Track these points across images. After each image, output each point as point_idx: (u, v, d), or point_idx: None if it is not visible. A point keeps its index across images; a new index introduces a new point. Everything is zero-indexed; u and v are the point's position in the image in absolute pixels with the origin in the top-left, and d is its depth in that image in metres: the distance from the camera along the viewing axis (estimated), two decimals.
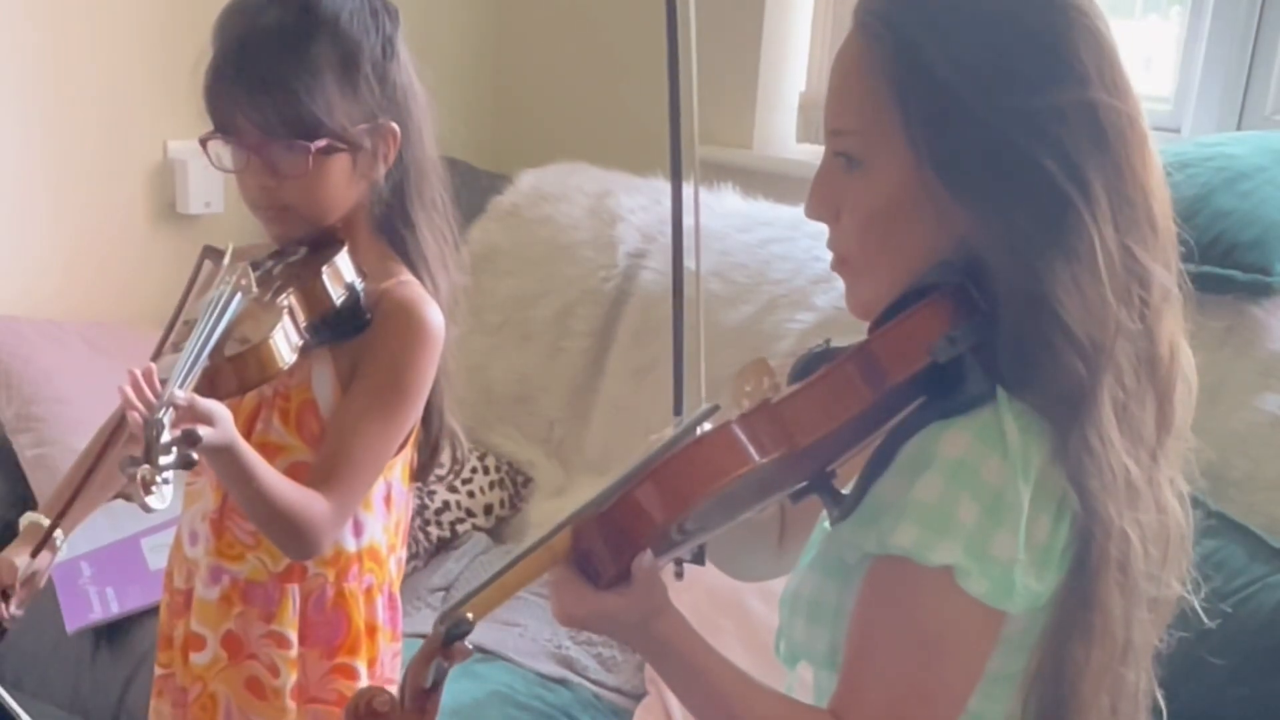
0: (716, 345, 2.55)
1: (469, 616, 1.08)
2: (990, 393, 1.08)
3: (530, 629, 2.28)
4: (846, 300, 1.20)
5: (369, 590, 1.63)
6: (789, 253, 2.56)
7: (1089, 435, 1.07)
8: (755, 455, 1.06)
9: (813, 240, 2.50)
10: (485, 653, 2.19)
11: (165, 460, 1.23)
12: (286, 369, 1.44)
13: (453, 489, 2.62)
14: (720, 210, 2.73)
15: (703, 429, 1.09)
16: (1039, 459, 1.07)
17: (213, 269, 1.55)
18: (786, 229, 2.60)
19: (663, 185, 2.82)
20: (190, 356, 1.34)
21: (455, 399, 1.66)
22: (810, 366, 1.15)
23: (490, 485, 2.70)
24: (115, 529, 2.35)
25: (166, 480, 1.23)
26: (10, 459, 2.57)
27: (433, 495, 2.59)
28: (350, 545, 1.60)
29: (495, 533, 2.68)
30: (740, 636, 2.08)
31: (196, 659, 1.62)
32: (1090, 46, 1.09)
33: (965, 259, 1.10)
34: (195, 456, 1.26)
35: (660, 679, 1.15)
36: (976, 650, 1.10)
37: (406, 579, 1.75)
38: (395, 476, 1.62)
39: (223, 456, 1.37)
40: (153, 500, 1.21)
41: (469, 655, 1.10)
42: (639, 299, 2.70)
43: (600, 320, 2.74)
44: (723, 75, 2.97)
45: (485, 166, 2.96)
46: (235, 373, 1.39)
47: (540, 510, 2.68)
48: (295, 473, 1.50)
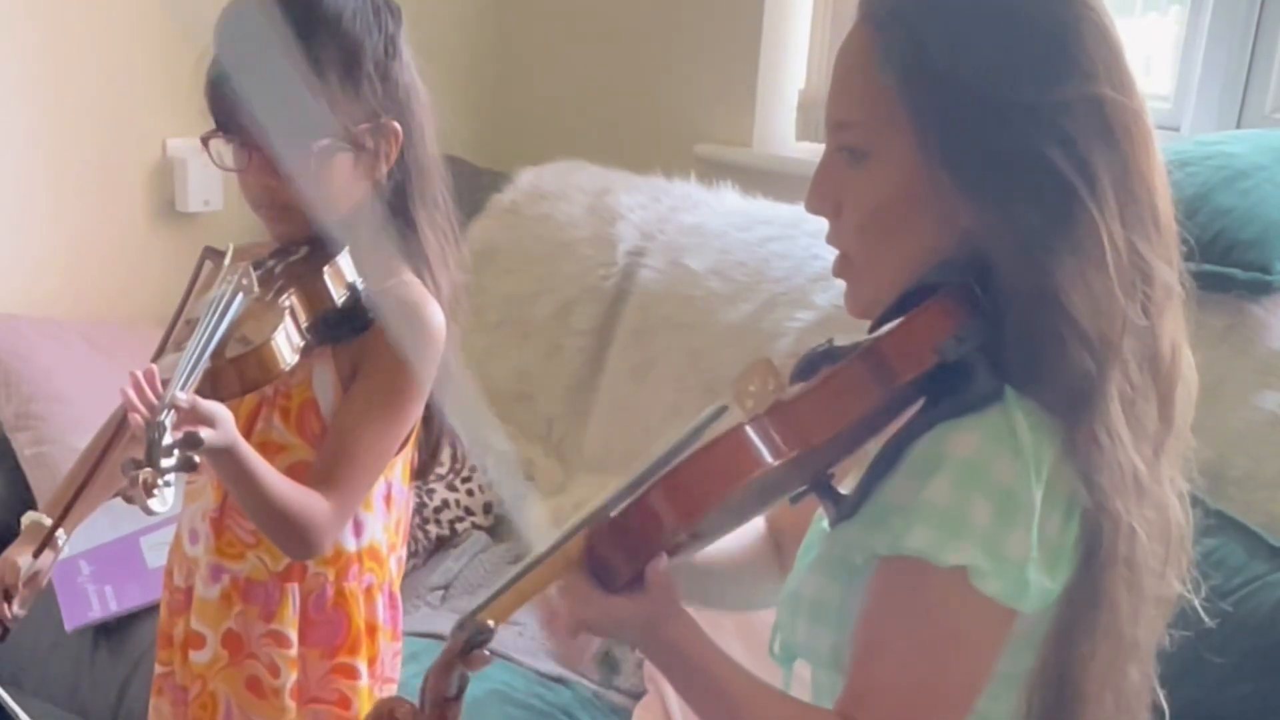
0: (716, 344, 2.57)
1: (490, 624, 1.07)
2: (998, 391, 1.07)
3: (529, 628, 2.27)
4: (846, 301, 1.19)
5: (369, 589, 1.63)
6: (788, 251, 2.56)
7: (1098, 431, 1.07)
8: (769, 457, 1.05)
9: (812, 238, 2.50)
10: None
11: (167, 463, 1.23)
12: (288, 370, 1.44)
13: (452, 487, 2.62)
14: (720, 208, 2.73)
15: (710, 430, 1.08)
16: (1050, 456, 1.07)
17: (213, 269, 1.55)
18: (786, 227, 2.59)
19: (662, 183, 2.84)
20: (192, 357, 1.34)
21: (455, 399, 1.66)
22: (813, 366, 1.14)
23: (490, 483, 2.69)
24: (114, 527, 2.35)
25: (168, 483, 1.23)
26: (9, 457, 2.56)
27: (432, 493, 2.58)
28: (350, 545, 1.60)
29: (494, 531, 2.68)
30: (739, 634, 2.08)
31: (196, 658, 1.62)
32: (1097, 42, 1.09)
33: (968, 257, 1.10)
34: (197, 459, 1.26)
35: (667, 682, 1.14)
36: (988, 650, 1.10)
37: (406, 577, 1.74)
38: (396, 476, 1.62)
39: (224, 458, 1.37)
40: (154, 503, 1.21)
41: (489, 662, 1.10)
42: (638, 297, 2.69)
43: (599, 318, 2.74)
44: (722, 73, 2.97)
45: (484, 164, 2.96)
46: (237, 374, 1.39)
47: (539, 509, 2.68)
48: (296, 472, 1.50)
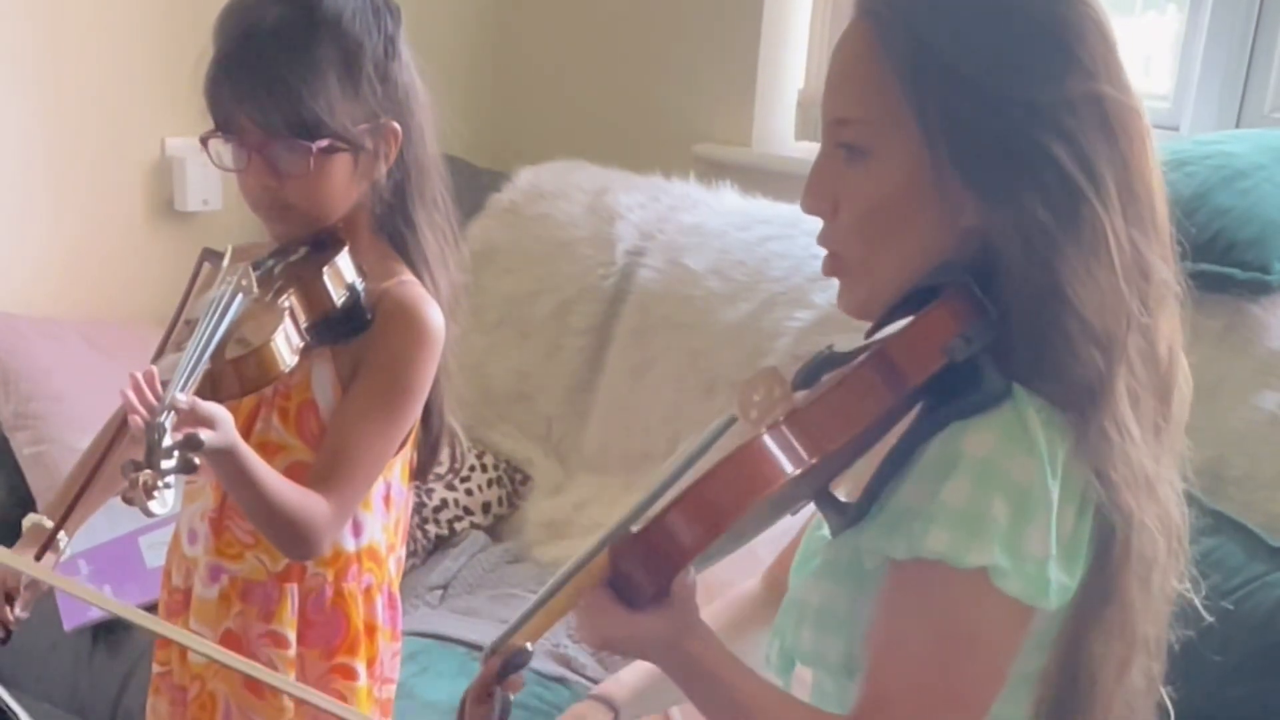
0: (716, 343, 2.56)
1: (528, 646, 1.07)
2: (1007, 390, 1.07)
3: None
4: (840, 300, 1.19)
5: (368, 590, 1.63)
6: (787, 250, 2.56)
7: (1107, 426, 1.07)
8: (789, 466, 1.04)
9: (811, 238, 2.45)
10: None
11: (167, 464, 1.23)
12: (288, 371, 1.43)
13: (451, 487, 2.62)
14: (719, 208, 2.73)
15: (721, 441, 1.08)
16: (1063, 452, 1.07)
17: (211, 270, 1.55)
18: (785, 226, 2.59)
19: (661, 183, 2.84)
20: (191, 359, 1.34)
21: (455, 399, 1.66)
22: (817, 372, 1.13)
23: (488, 483, 2.69)
24: (113, 527, 2.34)
25: (168, 484, 1.22)
26: (8, 457, 2.56)
27: (431, 493, 2.58)
28: (349, 545, 1.60)
29: (493, 531, 2.68)
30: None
31: (195, 658, 1.62)
32: (1096, 39, 1.09)
33: (969, 256, 1.10)
34: (197, 461, 1.26)
35: (688, 696, 1.13)
36: (1008, 650, 1.09)
37: (404, 577, 1.74)
38: (395, 476, 1.62)
39: (224, 459, 1.37)
40: (154, 505, 1.21)
41: (523, 686, 1.09)
42: (637, 297, 2.69)
43: (598, 318, 2.74)
44: (721, 73, 2.97)
45: (483, 164, 2.95)
46: (236, 375, 1.39)
47: (538, 508, 2.68)
48: (294, 472, 1.49)
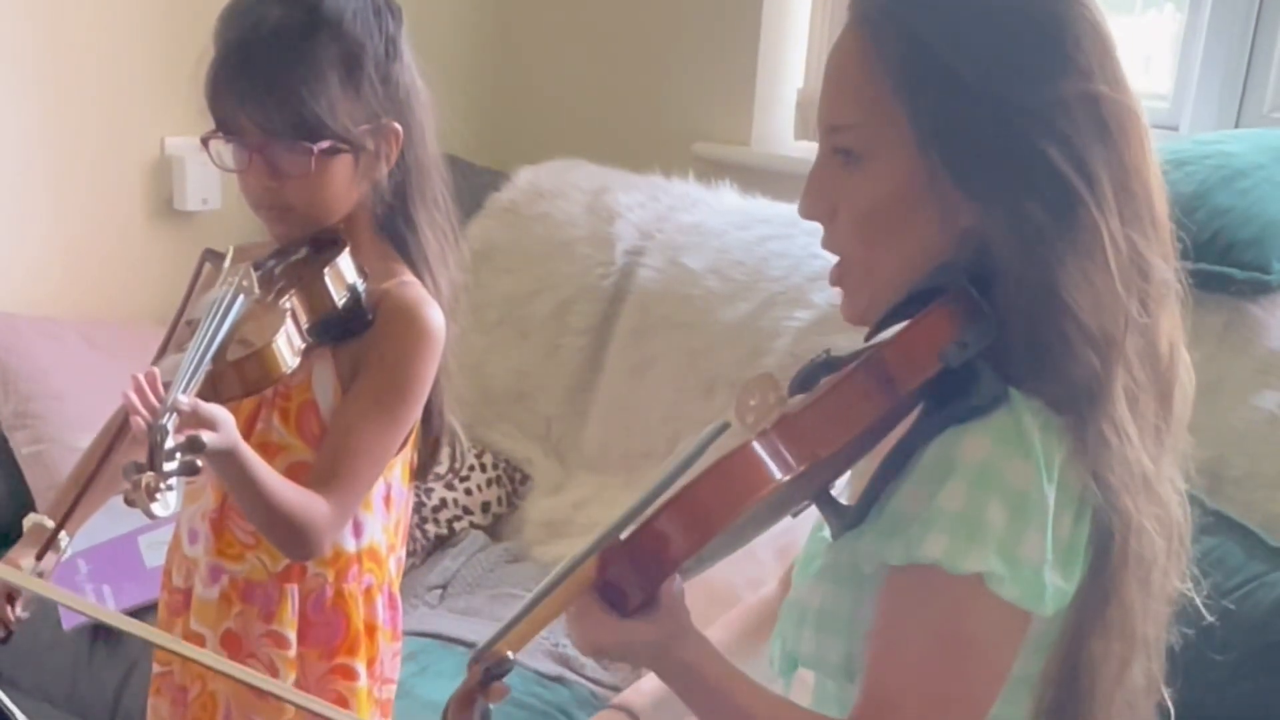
0: (715, 343, 2.56)
1: (509, 655, 1.06)
2: (1003, 394, 1.07)
3: None
4: (843, 307, 1.19)
5: (368, 590, 1.62)
6: (787, 250, 2.56)
7: (1105, 429, 1.07)
8: (778, 473, 1.03)
9: (811, 237, 2.47)
10: None
11: (170, 466, 1.22)
12: (289, 372, 1.43)
13: (450, 486, 2.62)
14: (718, 207, 2.73)
15: (714, 447, 1.07)
16: (1060, 456, 1.06)
17: (212, 271, 1.55)
18: (784, 226, 2.59)
19: (660, 182, 2.84)
20: (193, 360, 1.34)
21: (455, 398, 1.66)
22: (813, 377, 1.13)
23: (488, 483, 2.69)
24: (112, 526, 2.34)
25: (171, 487, 1.22)
26: (7, 456, 2.56)
27: (430, 493, 2.58)
28: (350, 545, 1.60)
29: (493, 530, 2.68)
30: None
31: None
32: (1091, 39, 1.09)
33: (966, 259, 1.10)
34: (200, 463, 1.26)
35: (684, 702, 1.13)
36: (1005, 655, 1.09)
37: (404, 577, 1.74)
38: (395, 476, 1.62)
39: (225, 460, 1.37)
40: (157, 507, 1.20)
41: (507, 694, 1.09)
42: (636, 296, 2.69)
43: (598, 317, 2.74)
44: (720, 72, 2.97)
45: (482, 163, 2.95)
46: (238, 377, 1.39)
47: (538, 508, 2.68)
48: (295, 473, 1.49)
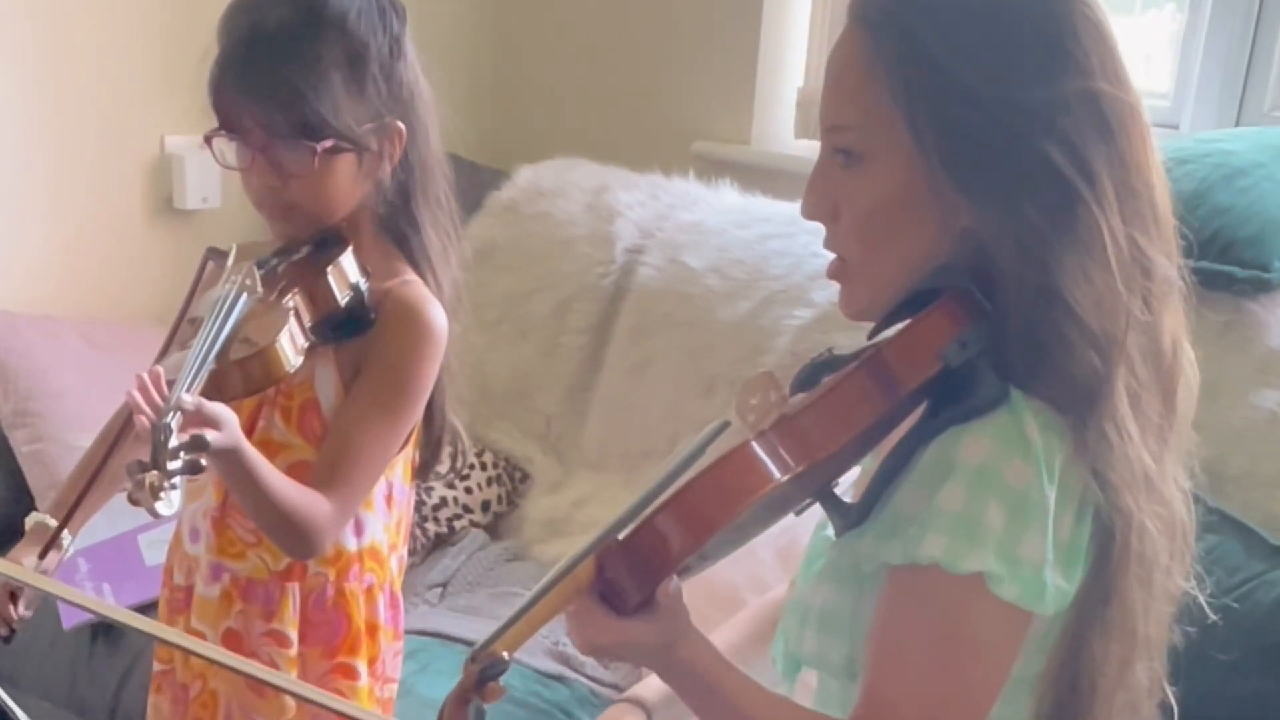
0: (715, 341, 2.56)
1: (504, 655, 1.06)
2: (1004, 394, 1.07)
3: None
4: (841, 304, 1.19)
5: (370, 589, 1.63)
6: (787, 249, 2.56)
7: (1107, 428, 1.07)
8: (777, 473, 1.03)
9: (811, 236, 2.49)
10: None
11: (173, 465, 1.22)
12: (292, 371, 1.43)
13: (450, 485, 2.62)
14: (718, 206, 2.73)
15: (714, 446, 1.07)
16: (1060, 456, 1.06)
17: (215, 269, 1.54)
18: (785, 225, 2.59)
19: (660, 181, 2.84)
20: (196, 359, 1.34)
21: (456, 397, 1.66)
22: (814, 376, 1.13)
23: (488, 481, 2.69)
24: (113, 525, 2.34)
25: (174, 486, 1.22)
26: (7, 455, 2.56)
27: (430, 492, 2.58)
28: (351, 545, 1.60)
29: (493, 529, 2.68)
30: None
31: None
32: (1092, 37, 1.09)
33: (967, 259, 1.10)
34: (204, 462, 1.26)
35: (684, 701, 1.13)
36: (1005, 655, 1.09)
37: (404, 575, 1.74)
38: (396, 475, 1.62)
39: (228, 459, 1.37)
40: (160, 506, 1.20)
41: (503, 694, 1.09)
42: (636, 295, 2.69)
43: (598, 316, 2.74)
44: (721, 71, 2.97)
45: (483, 162, 2.95)
46: (242, 375, 1.39)
47: (538, 506, 2.68)
48: (297, 471, 1.49)
